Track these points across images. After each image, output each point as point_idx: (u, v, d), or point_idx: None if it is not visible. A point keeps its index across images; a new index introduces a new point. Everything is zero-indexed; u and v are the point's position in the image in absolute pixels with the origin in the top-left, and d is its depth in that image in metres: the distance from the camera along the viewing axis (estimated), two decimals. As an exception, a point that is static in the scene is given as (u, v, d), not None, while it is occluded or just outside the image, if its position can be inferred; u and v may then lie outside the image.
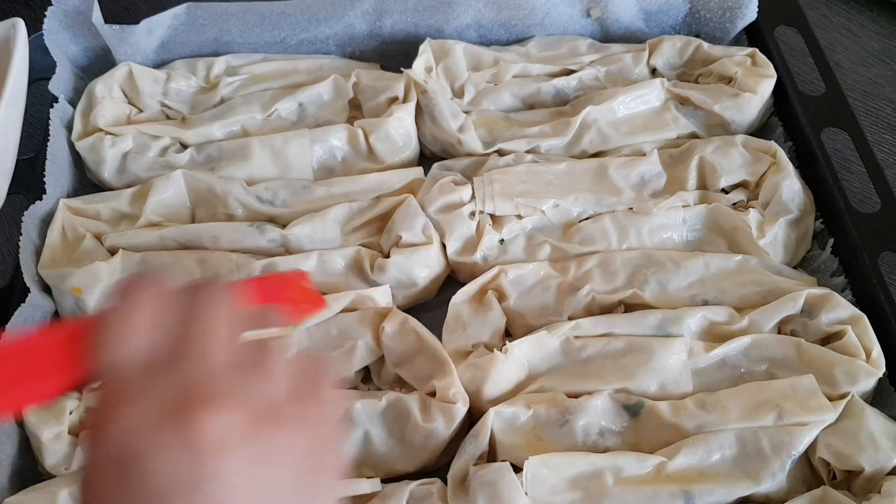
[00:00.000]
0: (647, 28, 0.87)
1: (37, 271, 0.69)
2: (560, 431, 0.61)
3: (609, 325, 0.65)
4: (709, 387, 0.63)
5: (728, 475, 0.58)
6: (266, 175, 0.76)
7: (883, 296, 0.66)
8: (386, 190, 0.74)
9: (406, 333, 0.66)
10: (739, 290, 0.67)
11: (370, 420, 0.62)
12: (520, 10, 0.84)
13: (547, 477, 0.58)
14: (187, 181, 0.75)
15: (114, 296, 0.38)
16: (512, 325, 0.69)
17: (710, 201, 0.73)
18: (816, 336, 0.65)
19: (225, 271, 0.69)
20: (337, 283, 0.70)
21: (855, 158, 0.79)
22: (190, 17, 0.83)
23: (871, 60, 0.93)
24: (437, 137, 0.79)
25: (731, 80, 0.80)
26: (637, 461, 0.58)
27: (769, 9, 0.84)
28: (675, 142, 0.78)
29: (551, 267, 0.70)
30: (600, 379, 0.63)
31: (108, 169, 0.77)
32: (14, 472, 0.62)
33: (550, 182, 0.73)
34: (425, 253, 0.70)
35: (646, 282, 0.68)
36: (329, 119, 0.80)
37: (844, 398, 0.60)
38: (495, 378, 0.63)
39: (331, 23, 0.84)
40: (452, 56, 0.82)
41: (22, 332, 0.44)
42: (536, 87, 0.81)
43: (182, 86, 0.82)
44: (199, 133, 0.78)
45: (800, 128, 0.77)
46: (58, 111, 0.77)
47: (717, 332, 0.65)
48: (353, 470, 0.61)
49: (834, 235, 0.72)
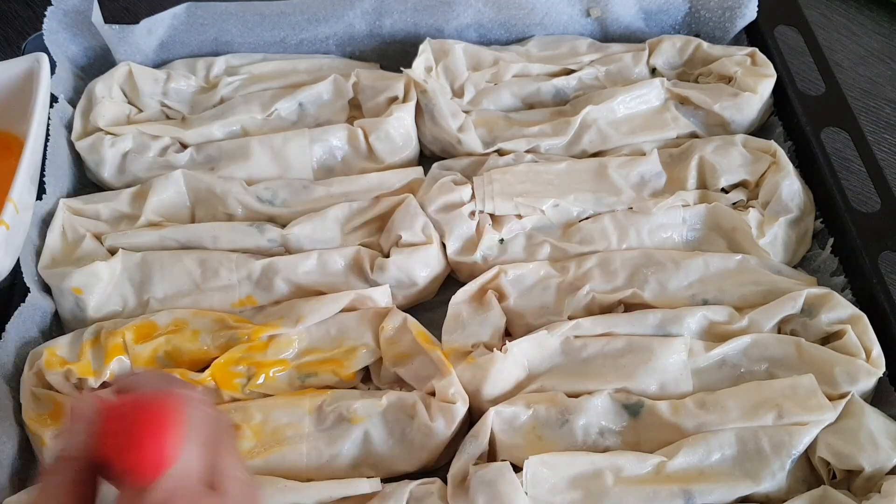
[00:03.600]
0: (646, 28, 0.87)
1: (37, 271, 0.69)
2: (560, 431, 0.61)
3: (609, 324, 0.65)
4: (709, 386, 0.63)
5: (728, 475, 0.58)
6: (266, 175, 0.76)
7: (883, 295, 0.66)
8: (386, 190, 0.74)
9: (406, 333, 0.66)
10: (739, 289, 0.67)
11: (370, 420, 0.62)
12: (519, 10, 0.84)
13: (547, 476, 0.58)
14: (187, 181, 0.75)
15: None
16: (512, 325, 0.69)
17: (710, 201, 0.73)
18: (816, 336, 0.65)
19: (225, 271, 0.69)
20: (337, 283, 0.70)
21: (855, 158, 0.79)
22: (190, 17, 0.83)
23: (871, 60, 0.93)
24: (437, 137, 0.79)
25: (731, 80, 0.80)
26: (637, 461, 0.58)
27: (769, 8, 0.84)
28: (674, 141, 0.78)
29: (551, 266, 0.70)
30: (600, 379, 0.63)
31: (108, 169, 0.77)
32: (14, 472, 0.62)
33: (550, 182, 0.73)
34: (425, 253, 0.70)
35: (646, 281, 0.68)
36: (329, 119, 0.80)
37: (844, 398, 0.60)
38: (495, 378, 0.63)
39: (330, 22, 0.84)
40: (452, 56, 0.82)
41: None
42: (536, 87, 0.81)
43: (182, 86, 0.82)
44: (199, 133, 0.78)
45: (800, 127, 0.77)
46: (57, 111, 0.77)
47: (717, 332, 0.65)
48: (353, 470, 0.61)
49: (834, 235, 0.72)
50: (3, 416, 0.62)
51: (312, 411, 0.62)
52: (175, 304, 0.69)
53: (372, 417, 0.62)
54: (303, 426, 0.62)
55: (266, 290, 0.70)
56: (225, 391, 0.64)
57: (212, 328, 0.66)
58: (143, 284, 0.70)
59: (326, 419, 0.62)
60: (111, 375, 0.65)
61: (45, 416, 0.63)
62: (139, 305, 0.70)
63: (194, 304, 0.69)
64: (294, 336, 0.66)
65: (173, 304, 0.69)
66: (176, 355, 0.66)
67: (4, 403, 0.63)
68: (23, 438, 0.63)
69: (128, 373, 0.65)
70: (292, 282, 0.70)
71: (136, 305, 0.70)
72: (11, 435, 0.62)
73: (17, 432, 0.63)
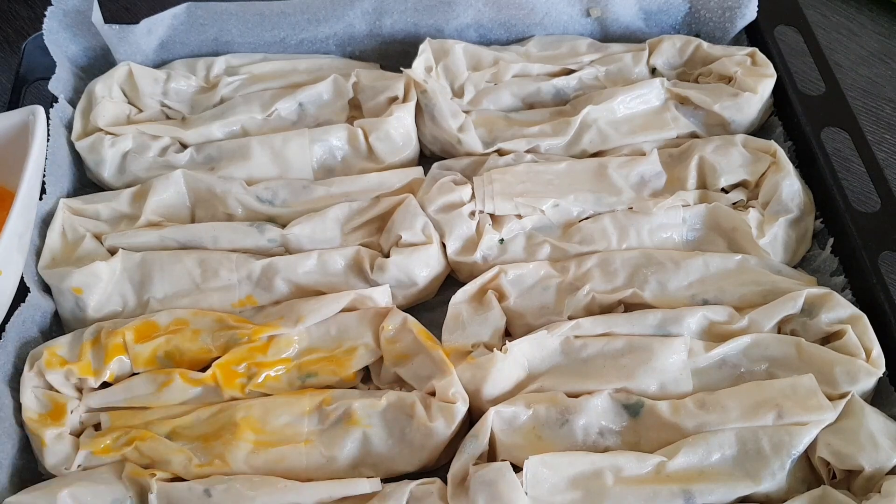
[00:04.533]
0: (646, 27, 0.87)
1: (37, 271, 0.69)
2: (560, 431, 0.61)
3: (609, 324, 0.65)
4: (709, 386, 0.63)
5: (728, 475, 0.58)
6: (266, 175, 0.76)
7: (883, 295, 0.66)
8: (386, 190, 0.74)
9: (406, 333, 0.66)
10: (739, 289, 0.67)
11: (370, 420, 0.62)
12: (519, 10, 0.84)
13: (547, 476, 0.58)
14: (187, 181, 0.75)
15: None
16: (512, 325, 0.69)
17: (710, 201, 0.73)
18: (816, 336, 0.65)
19: (225, 271, 0.69)
20: (337, 283, 0.70)
21: (855, 158, 0.79)
22: (190, 17, 0.83)
23: (871, 60, 0.93)
24: (437, 137, 0.79)
25: (731, 80, 0.80)
26: (637, 461, 0.58)
27: (769, 8, 0.84)
28: (675, 141, 0.78)
29: (551, 266, 0.70)
30: (600, 378, 0.63)
31: (108, 169, 0.77)
32: (14, 472, 0.62)
33: (550, 182, 0.73)
34: (425, 253, 0.70)
35: (646, 281, 0.68)
36: (329, 119, 0.80)
37: (844, 398, 0.60)
38: (495, 378, 0.63)
39: (330, 22, 0.84)
40: (452, 56, 0.82)
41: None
42: (536, 87, 0.81)
43: (182, 85, 0.82)
44: (199, 133, 0.78)
45: (800, 127, 0.77)
46: (58, 111, 0.77)
47: (716, 332, 0.65)
48: (353, 470, 0.61)
49: (834, 235, 0.72)
50: (3, 416, 0.62)
51: (312, 411, 0.62)
52: (175, 304, 0.69)
53: (372, 417, 0.62)
54: (303, 426, 0.62)
55: (266, 290, 0.70)
56: (225, 391, 0.64)
57: (212, 328, 0.66)
58: (143, 284, 0.70)
59: (326, 419, 0.62)
60: (111, 375, 0.65)
61: (45, 416, 0.63)
62: (139, 305, 0.70)
63: (194, 304, 0.69)
64: (294, 336, 0.66)
65: (173, 304, 0.69)
66: (176, 355, 0.66)
67: (4, 403, 0.63)
68: (23, 438, 0.63)
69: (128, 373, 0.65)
70: (292, 282, 0.70)
71: (136, 305, 0.70)
72: (11, 435, 0.62)
73: (17, 432, 0.63)
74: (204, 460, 0.61)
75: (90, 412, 0.65)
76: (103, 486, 0.59)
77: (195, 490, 0.59)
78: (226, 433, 0.62)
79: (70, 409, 0.63)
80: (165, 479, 0.60)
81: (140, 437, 0.62)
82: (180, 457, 0.61)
